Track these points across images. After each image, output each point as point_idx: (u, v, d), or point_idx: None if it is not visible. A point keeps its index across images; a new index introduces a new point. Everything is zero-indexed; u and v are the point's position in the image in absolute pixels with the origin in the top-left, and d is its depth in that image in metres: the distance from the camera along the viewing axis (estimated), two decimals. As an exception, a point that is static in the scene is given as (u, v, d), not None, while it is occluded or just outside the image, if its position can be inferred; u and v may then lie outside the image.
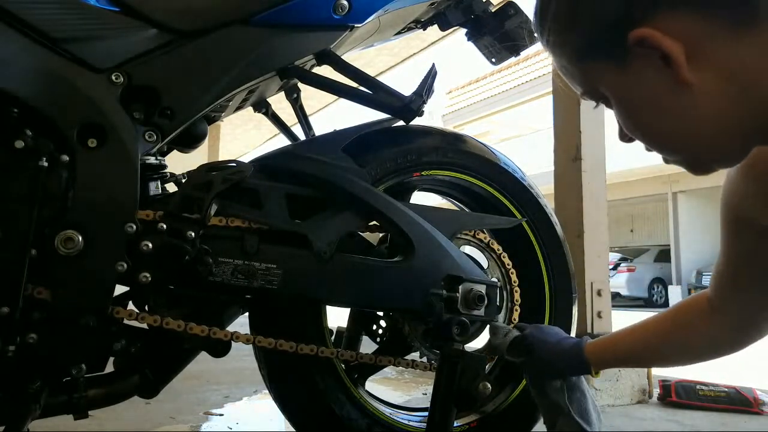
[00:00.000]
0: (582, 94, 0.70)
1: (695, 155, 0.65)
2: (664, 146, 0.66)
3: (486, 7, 1.30)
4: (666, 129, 0.63)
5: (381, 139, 1.18)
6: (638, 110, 0.64)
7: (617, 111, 0.66)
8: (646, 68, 0.60)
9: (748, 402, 2.15)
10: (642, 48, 0.58)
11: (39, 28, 0.91)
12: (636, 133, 0.66)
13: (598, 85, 0.66)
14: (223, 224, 1.00)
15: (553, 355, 1.05)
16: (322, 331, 1.12)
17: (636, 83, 0.62)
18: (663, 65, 0.58)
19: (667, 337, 1.01)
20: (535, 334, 1.08)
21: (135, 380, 1.01)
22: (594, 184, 2.39)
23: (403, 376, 2.77)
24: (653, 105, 0.62)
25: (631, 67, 0.61)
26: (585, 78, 0.67)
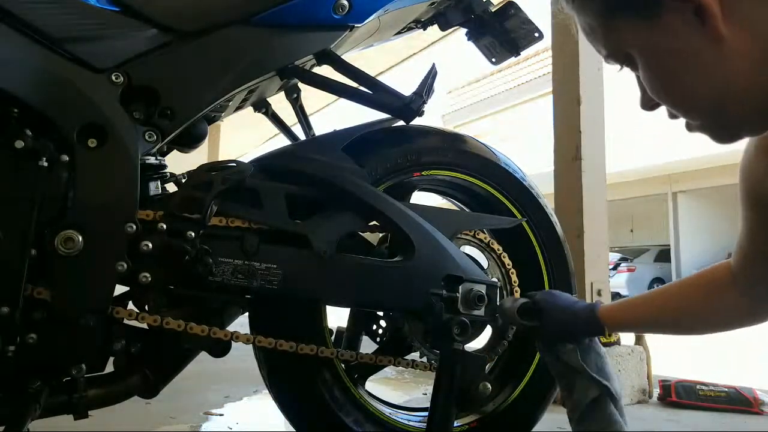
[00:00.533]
0: (606, 56, 0.68)
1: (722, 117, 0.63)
2: (691, 107, 0.64)
3: (486, 7, 1.30)
4: (695, 87, 0.61)
5: (381, 139, 1.18)
6: (667, 68, 0.62)
7: (644, 72, 0.64)
8: (678, 23, 0.59)
9: (748, 402, 2.15)
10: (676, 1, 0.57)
11: (39, 28, 0.91)
12: (663, 95, 0.64)
13: (625, 45, 0.64)
14: (223, 224, 1.00)
15: (565, 318, 1.03)
16: (322, 331, 1.12)
17: (666, 39, 0.60)
18: (695, 20, 0.57)
19: (687, 307, 0.99)
20: (546, 298, 1.06)
21: (135, 380, 1.01)
22: (594, 184, 2.39)
23: (403, 376, 2.77)
24: (684, 61, 0.60)
25: (663, 23, 0.60)
26: (612, 37, 0.65)
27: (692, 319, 1.00)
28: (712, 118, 0.64)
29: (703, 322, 1.00)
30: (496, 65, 1.43)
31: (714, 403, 2.17)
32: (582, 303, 1.06)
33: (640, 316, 1.04)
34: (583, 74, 2.41)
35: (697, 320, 1.00)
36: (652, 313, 1.03)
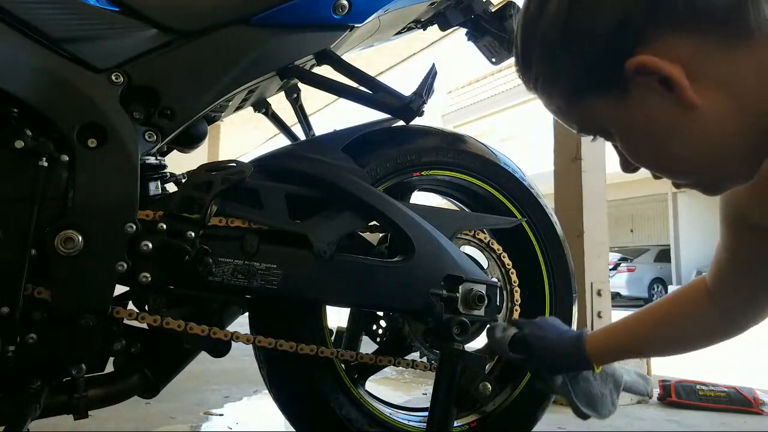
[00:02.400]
0: (579, 130, 0.68)
1: (706, 176, 0.63)
2: (674, 171, 0.64)
3: (486, 7, 1.30)
4: (675, 153, 0.61)
5: (381, 139, 1.18)
6: (644, 139, 0.62)
7: (621, 143, 0.64)
8: (648, 96, 0.58)
9: (748, 402, 2.15)
10: (641, 76, 0.57)
11: (39, 28, 0.91)
12: (643, 162, 0.64)
13: (598, 120, 0.64)
14: (223, 224, 1.00)
15: (553, 354, 1.04)
16: (322, 331, 1.12)
17: (638, 113, 0.60)
18: (664, 90, 0.57)
19: (668, 328, 1.01)
20: (534, 332, 1.07)
21: (135, 380, 1.01)
22: (594, 184, 2.39)
23: (403, 376, 2.77)
24: (659, 131, 0.60)
25: (632, 97, 0.59)
26: (583, 116, 0.65)
27: (677, 340, 1.02)
28: (695, 178, 0.64)
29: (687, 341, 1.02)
30: (496, 65, 1.43)
31: (714, 403, 2.17)
32: (570, 334, 1.06)
33: (626, 344, 1.05)
34: (583, 74, 2.40)
35: (682, 340, 1.02)
36: (638, 339, 1.04)
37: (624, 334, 1.05)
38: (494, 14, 1.30)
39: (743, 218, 0.83)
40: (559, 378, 1.05)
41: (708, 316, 0.96)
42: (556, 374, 1.05)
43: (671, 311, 1.01)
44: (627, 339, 1.05)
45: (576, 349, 1.03)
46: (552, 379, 1.05)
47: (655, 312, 1.03)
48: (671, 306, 1.02)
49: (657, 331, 1.02)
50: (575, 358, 1.03)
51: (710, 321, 0.96)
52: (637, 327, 1.05)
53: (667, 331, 1.01)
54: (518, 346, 1.07)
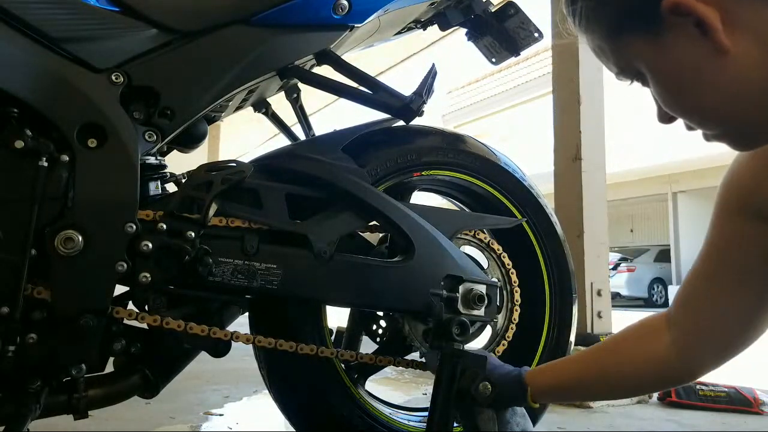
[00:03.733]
0: (618, 73, 0.68)
1: (738, 126, 0.63)
2: (706, 119, 0.64)
3: (486, 7, 1.30)
4: (706, 99, 0.62)
5: (381, 139, 1.18)
6: (677, 83, 0.63)
7: (655, 87, 0.65)
8: (682, 38, 0.59)
9: (748, 402, 2.15)
10: (676, 16, 0.58)
11: (39, 28, 0.91)
12: (676, 108, 0.65)
13: (634, 61, 0.64)
14: (223, 224, 1.00)
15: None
16: (322, 331, 1.12)
17: (673, 54, 0.61)
18: (698, 33, 0.58)
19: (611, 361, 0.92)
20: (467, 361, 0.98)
21: (135, 380, 1.01)
22: (594, 184, 2.39)
23: (403, 376, 2.77)
24: (692, 75, 0.61)
25: (667, 38, 0.60)
26: (620, 54, 0.65)
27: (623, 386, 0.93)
28: (726, 127, 0.64)
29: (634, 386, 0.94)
30: (496, 65, 1.43)
31: (714, 403, 2.17)
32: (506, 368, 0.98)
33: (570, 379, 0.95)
34: (583, 74, 2.41)
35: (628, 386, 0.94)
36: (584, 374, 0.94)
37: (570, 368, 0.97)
38: (494, 14, 1.30)
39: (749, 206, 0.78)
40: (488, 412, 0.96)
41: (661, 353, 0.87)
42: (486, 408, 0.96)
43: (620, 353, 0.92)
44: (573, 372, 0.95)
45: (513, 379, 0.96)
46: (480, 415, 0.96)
47: (602, 355, 0.95)
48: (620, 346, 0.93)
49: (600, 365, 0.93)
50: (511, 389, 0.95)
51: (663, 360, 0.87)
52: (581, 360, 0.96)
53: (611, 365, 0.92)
54: None
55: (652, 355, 0.88)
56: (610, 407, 2.17)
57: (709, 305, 0.84)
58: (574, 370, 0.96)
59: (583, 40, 0.69)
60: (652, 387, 0.92)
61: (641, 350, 0.90)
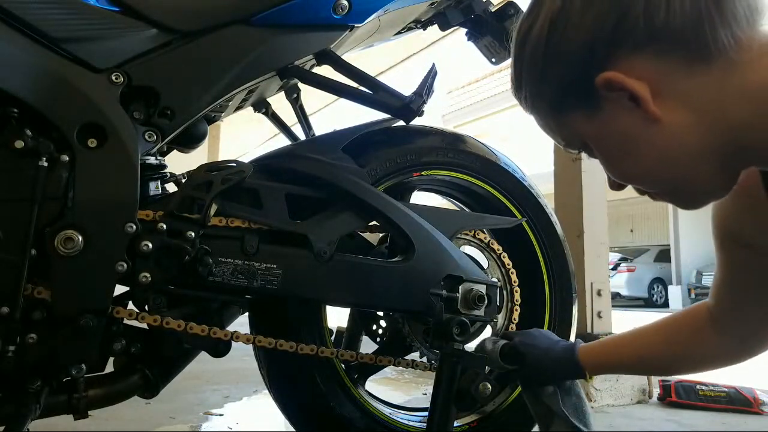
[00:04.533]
0: (565, 145, 0.73)
1: (678, 187, 0.68)
2: (648, 183, 0.69)
3: (486, 7, 1.30)
4: (646, 165, 0.66)
5: (381, 139, 1.18)
6: (617, 153, 0.68)
7: (599, 156, 0.70)
8: (618, 111, 0.64)
9: (748, 402, 2.15)
10: (610, 91, 0.62)
11: (39, 28, 0.91)
12: (620, 174, 0.70)
13: (577, 134, 0.69)
14: (223, 224, 1.00)
15: (545, 361, 1.03)
16: (322, 331, 1.12)
17: (611, 126, 0.65)
18: (632, 106, 0.62)
19: (666, 348, 0.99)
20: (524, 341, 1.05)
21: (135, 380, 1.01)
22: (594, 184, 2.39)
23: (403, 376, 2.77)
24: (630, 144, 0.65)
25: (604, 112, 0.65)
26: (564, 129, 0.71)
27: (675, 361, 1.01)
28: (668, 188, 0.69)
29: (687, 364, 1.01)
30: (496, 65, 1.43)
31: (714, 403, 2.17)
32: (562, 344, 1.05)
33: (621, 358, 1.03)
34: (583, 74, 2.41)
35: (680, 362, 1.01)
36: (634, 355, 1.03)
37: (622, 348, 1.04)
38: (494, 14, 1.30)
39: (733, 235, 0.85)
40: (549, 388, 1.03)
41: (710, 339, 0.95)
42: (547, 384, 1.04)
43: (674, 332, 1.00)
44: (625, 354, 1.03)
45: (568, 356, 1.02)
46: (543, 390, 1.03)
47: (659, 331, 1.02)
48: (676, 327, 1.00)
49: (659, 351, 1.01)
50: (567, 365, 1.02)
51: (712, 344, 0.95)
52: (637, 343, 1.03)
53: (670, 352, 1.00)
54: (510, 357, 1.05)
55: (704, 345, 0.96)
56: (610, 407, 2.17)
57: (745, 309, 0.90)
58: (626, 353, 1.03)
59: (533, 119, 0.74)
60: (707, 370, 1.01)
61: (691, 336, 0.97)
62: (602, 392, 2.19)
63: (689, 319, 0.99)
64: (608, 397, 2.20)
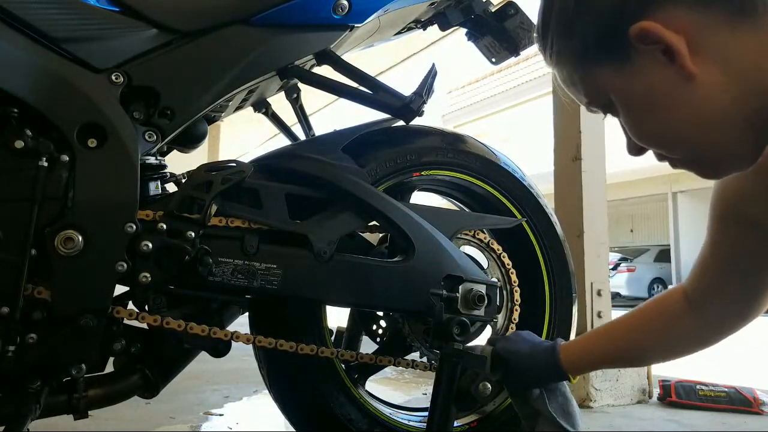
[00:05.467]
0: (588, 103, 0.69)
1: (705, 151, 0.64)
2: (673, 145, 0.65)
3: (486, 7, 1.30)
4: (674, 125, 0.62)
5: (381, 139, 1.18)
6: (644, 110, 0.64)
7: (623, 115, 0.66)
8: (650, 65, 0.60)
9: (748, 402, 2.15)
10: (644, 44, 0.59)
11: (39, 28, 0.91)
12: (643, 136, 0.66)
13: (603, 90, 0.66)
14: (223, 224, 1.00)
15: (527, 367, 1.01)
16: (322, 331, 1.12)
17: (640, 82, 0.62)
18: (666, 61, 0.59)
19: (643, 337, 0.99)
20: (506, 347, 1.03)
21: (135, 380, 1.01)
22: (594, 184, 2.38)
23: (403, 376, 2.77)
24: (659, 101, 0.62)
25: (635, 66, 0.61)
26: (590, 84, 0.67)
27: (652, 350, 1.01)
28: (693, 153, 0.65)
29: (663, 351, 1.00)
30: (496, 65, 1.43)
31: (714, 403, 2.17)
32: (543, 345, 1.03)
33: (600, 354, 1.03)
34: (583, 74, 2.40)
35: (657, 350, 1.01)
36: (612, 349, 1.02)
37: (599, 344, 1.03)
38: (494, 14, 1.30)
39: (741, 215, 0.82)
40: (535, 391, 1.02)
41: (686, 324, 0.94)
42: (532, 388, 1.02)
43: (647, 320, 0.99)
44: (603, 349, 1.02)
45: (550, 360, 1.00)
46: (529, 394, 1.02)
47: (631, 321, 1.01)
48: (647, 315, 1.00)
49: (634, 341, 1.00)
50: (550, 369, 1.00)
51: (688, 329, 0.95)
52: (613, 336, 1.03)
53: (645, 341, 0.99)
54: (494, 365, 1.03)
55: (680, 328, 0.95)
56: (610, 407, 2.17)
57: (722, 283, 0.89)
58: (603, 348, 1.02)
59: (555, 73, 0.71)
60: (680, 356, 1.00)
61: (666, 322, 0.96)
62: (602, 392, 2.19)
63: (664, 305, 0.98)
64: (608, 397, 2.20)
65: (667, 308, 0.97)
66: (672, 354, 1.00)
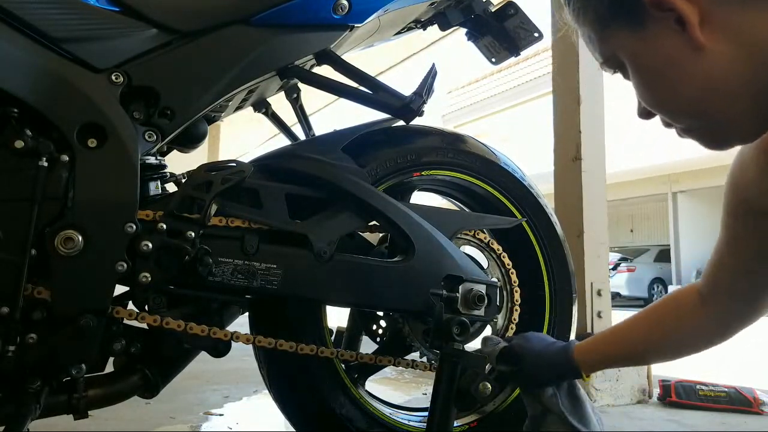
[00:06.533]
0: (602, 63, 0.72)
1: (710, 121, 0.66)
2: (679, 112, 0.67)
3: (486, 7, 1.29)
4: (681, 93, 0.65)
5: (381, 139, 1.18)
6: (654, 76, 0.66)
7: (634, 79, 0.68)
8: (662, 32, 0.63)
9: (748, 402, 2.15)
10: (658, 11, 0.61)
11: (39, 28, 0.91)
12: (651, 101, 0.68)
13: (617, 52, 0.68)
14: (223, 224, 1.00)
15: (541, 363, 1.03)
16: (322, 330, 1.12)
17: (653, 47, 0.64)
18: (678, 29, 0.61)
19: (657, 335, 1.01)
20: (521, 344, 1.06)
21: (135, 380, 1.01)
22: (594, 184, 2.39)
23: (403, 376, 2.77)
24: (669, 68, 0.64)
25: (649, 32, 0.64)
26: (606, 45, 0.69)
27: (666, 348, 1.02)
28: (699, 122, 0.67)
29: (676, 349, 1.02)
30: (496, 65, 1.43)
31: (714, 403, 2.17)
32: (557, 345, 1.06)
33: (614, 353, 1.05)
34: (583, 74, 2.41)
35: (670, 348, 1.02)
36: (626, 348, 1.04)
37: (613, 342, 1.05)
38: (494, 14, 1.30)
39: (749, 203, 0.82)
40: (548, 390, 1.03)
41: (700, 322, 0.96)
42: (545, 386, 1.04)
43: (661, 318, 1.01)
44: (616, 347, 1.04)
45: (564, 358, 1.03)
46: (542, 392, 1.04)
47: (645, 319, 1.03)
48: (661, 313, 1.01)
49: (646, 339, 1.02)
50: (564, 366, 1.02)
51: (702, 327, 0.96)
52: (626, 334, 1.04)
53: (657, 338, 1.01)
54: (507, 359, 1.05)
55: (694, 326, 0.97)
56: (610, 407, 2.17)
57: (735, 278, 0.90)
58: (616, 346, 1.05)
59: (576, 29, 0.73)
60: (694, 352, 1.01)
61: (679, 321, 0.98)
62: (602, 392, 2.19)
63: (678, 302, 1.00)
64: (608, 397, 2.20)
65: (681, 307, 0.99)
66: (685, 352, 1.02)
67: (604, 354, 1.04)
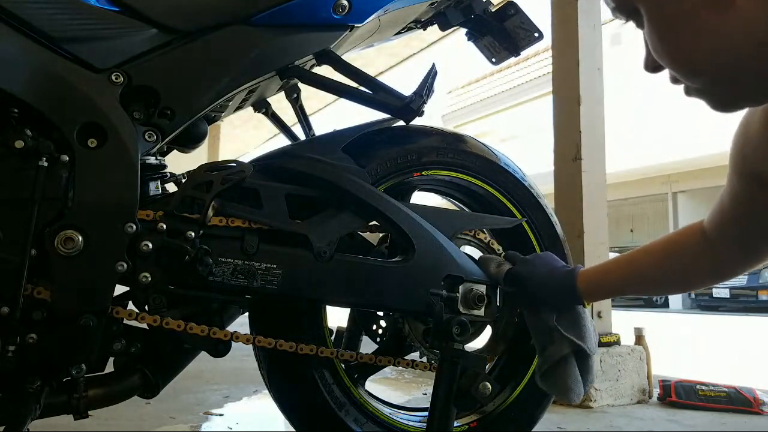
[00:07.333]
0: (614, 9, 0.67)
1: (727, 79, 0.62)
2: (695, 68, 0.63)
3: (486, 7, 1.29)
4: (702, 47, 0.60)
5: (381, 139, 1.18)
6: (673, 29, 0.61)
7: (649, 28, 0.63)
8: None
9: (748, 402, 2.15)
10: None
11: (39, 28, 0.91)
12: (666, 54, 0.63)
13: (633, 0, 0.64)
14: (223, 224, 1.00)
15: (544, 288, 1.06)
16: (322, 330, 1.12)
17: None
18: None
19: (661, 268, 1.02)
20: (527, 266, 1.08)
21: (135, 380, 1.01)
22: (594, 184, 2.39)
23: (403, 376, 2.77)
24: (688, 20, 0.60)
25: None
26: None
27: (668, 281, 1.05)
28: (712, 82, 0.63)
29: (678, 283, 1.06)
30: (496, 65, 1.43)
31: (714, 404, 2.17)
32: (562, 270, 1.07)
33: (616, 282, 1.07)
34: (583, 74, 2.41)
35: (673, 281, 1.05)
36: (629, 278, 1.06)
37: (617, 272, 1.07)
38: (494, 14, 1.30)
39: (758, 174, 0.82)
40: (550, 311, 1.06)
41: (703, 259, 0.98)
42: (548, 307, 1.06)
43: (665, 252, 1.02)
44: (618, 276, 1.07)
45: (567, 284, 1.04)
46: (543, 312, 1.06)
47: (649, 252, 1.05)
48: (665, 247, 1.03)
49: (649, 271, 1.04)
50: (566, 293, 1.05)
51: (704, 264, 0.98)
52: (630, 265, 1.06)
53: (659, 271, 1.03)
54: (511, 281, 1.08)
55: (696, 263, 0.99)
56: (610, 407, 2.17)
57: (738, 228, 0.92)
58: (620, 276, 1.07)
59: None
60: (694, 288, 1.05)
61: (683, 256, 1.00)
62: (602, 392, 2.19)
63: (683, 240, 1.01)
64: (608, 397, 2.20)
65: (685, 243, 1.00)
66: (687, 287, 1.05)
67: (608, 283, 1.06)
